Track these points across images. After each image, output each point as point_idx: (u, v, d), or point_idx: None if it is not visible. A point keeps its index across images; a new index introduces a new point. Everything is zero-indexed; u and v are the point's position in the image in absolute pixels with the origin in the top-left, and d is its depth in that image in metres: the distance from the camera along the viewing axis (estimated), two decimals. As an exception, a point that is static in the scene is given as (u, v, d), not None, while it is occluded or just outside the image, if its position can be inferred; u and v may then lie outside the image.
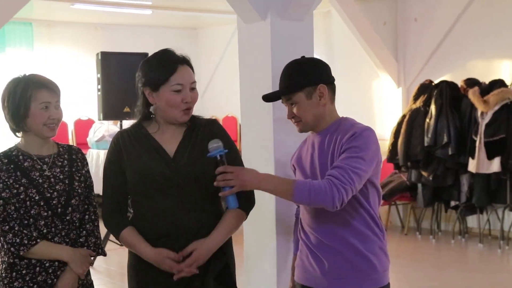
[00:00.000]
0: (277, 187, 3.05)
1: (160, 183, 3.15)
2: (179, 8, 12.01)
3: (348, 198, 2.99)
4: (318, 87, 3.18)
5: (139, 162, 3.19)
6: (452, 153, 8.89)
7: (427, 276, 7.85)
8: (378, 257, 3.16)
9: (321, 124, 3.22)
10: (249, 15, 4.00)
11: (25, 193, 3.23)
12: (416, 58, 10.44)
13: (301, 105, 3.19)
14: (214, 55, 13.93)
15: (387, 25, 10.73)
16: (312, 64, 3.27)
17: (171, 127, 3.25)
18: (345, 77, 10.75)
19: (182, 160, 3.18)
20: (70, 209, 3.31)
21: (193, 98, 3.20)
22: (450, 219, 9.87)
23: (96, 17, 12.69)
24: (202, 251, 3.11)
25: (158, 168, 3.16)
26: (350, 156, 3.02)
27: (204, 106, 13.99)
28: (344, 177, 2.97)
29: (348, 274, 3.14)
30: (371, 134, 3.10)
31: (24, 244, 3.18)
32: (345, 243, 3.14)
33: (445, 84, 9.26)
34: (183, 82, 3.16)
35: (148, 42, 12.69)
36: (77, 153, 3.48)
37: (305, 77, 3.19)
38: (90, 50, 12.16)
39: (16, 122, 3.30)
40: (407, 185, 9.72)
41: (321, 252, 3.19)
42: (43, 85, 3.30)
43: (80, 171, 3.41)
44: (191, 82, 3.20)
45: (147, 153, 3.21)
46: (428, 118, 9.20)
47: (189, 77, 3.20)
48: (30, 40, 12.45)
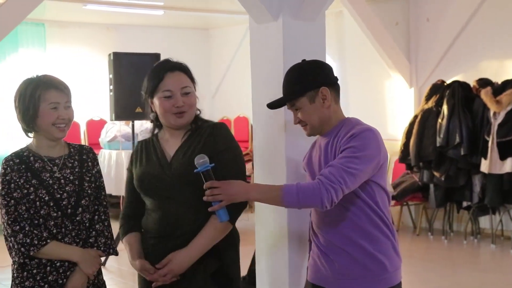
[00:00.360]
0: (266, 195, 3.10)
1: (155, 186, 3.31)
2: (191, 8, 12.02)
3: (338, 197, 2.99)
4: (320, 90, 3.18)
5: (139, 167, 3.40)
6: (464, 154, 8.87)
7: (439, 276, 7.83)
8: (388, 257, 3.16)
9: (327, 126, 3.23)
10: (261, 15, 4.00)
11: (35, 193, 3.25)
12: (428, 58, 10.42)
13: (305, 109, 3.20)
14: (226, 55, 13.94)
15: (399, 25, 10.71)
16: (312, 67, 3.26)
17: (174, 132, 3.41)
18: (357, 78, 10.75)
19: (176, 164, 3.31)
20: (80, 209, 3.33)
21: (186, 102, 3.34)
22: (462, 219, 9.84)
23: (108, 18, 12.71)
24: (177, 262, 3.24)
25: (154, 171, 3.33)
26: (345, 156, 3.03)
27: (216, 106, 14.02)
28: (334, 176, 2.98)
29: (358, 274, 3.15)
30: (371, 134, 3.08)
31: (34, 245, 3.20)
32: (353, 244, 3.15)
33: (458, 84, 9.23)
34: (171, 88, 3.32)
35: (160, 43, 12.73)
36: (88, 153, 3.50)
37: (306, 81, 3.19)
38: (102, 51, 12.18)
39: (26, 123, 3.33)
40: (419, 185, 9.70)
41: (331, 253, 3.21)
42: (52, 85, 3.32)
43: (90, 171, 3.43)
44: (182, 87, 3.34)
45: (149, 159, 3.39)
46: (440, 118, 9.18)
47: (179, 83, 3.34)
48: (43, 40, 12.49)
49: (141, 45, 11.71)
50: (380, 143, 3.11)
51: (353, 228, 3.14)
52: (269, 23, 3.99)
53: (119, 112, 8.74)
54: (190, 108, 3.37)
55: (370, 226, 3.14)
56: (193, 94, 3.41)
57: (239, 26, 13.17)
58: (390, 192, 9.23)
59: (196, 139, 3.34)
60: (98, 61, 12.51)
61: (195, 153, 3.22)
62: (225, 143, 3.34)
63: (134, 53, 9.23)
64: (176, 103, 3.31)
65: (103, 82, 10.33)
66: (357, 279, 3.15)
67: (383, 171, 3.16)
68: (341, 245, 3.17)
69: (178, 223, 3.28)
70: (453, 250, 9.21)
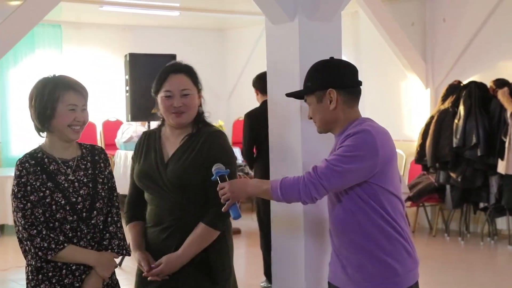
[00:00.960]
0: (259, 190, 3.27)
1: (149, 186, 3.60)
2: (206, 9, 12.03)
3: (319, 193, 3.08)
4: (327, 92, 3.21)
5: (138, 164, 3.67)
6: (481, 154, 8.83)
7: (455, 278, 7.79)
8: (399, 260, 3.16)
9: (336, 126, 3.26)
10: (277, 16, 4.00)
11: (51, 197, 3.23)
12: (445, 58, 10.38)
13: (313, 107, 3.28)
14: (242, 56, 13.94)
15: (415, 26, 10.67)
16: (327, 67, 3.29)
17: (175, 130, 3.64)
18: (373, 78, 10.71)
19: (171, 166, 3.55)
20: (95, 212, 3.33)
21: (185, 103, 3.55)
22: (479, 220, 9.79)
23: (124, 19, 12.75)
24: (168, 265, 3.49)
25: (150, 171, 3.58)
26: (336, 154, 3.10)
27: (231, 107, 14.04)
28: (315, 172, 3.07)
29: (368, 277, 3.16)
30: (367, 135, 3.08)
31: (52, 249, 3.19)
32: (361, 248, 3.16)
33: (474, 84, 9.19)
34: (171, 89, 3.56)
35: (175, 44, 12.75)
36: (100, 153, 3.50)
37: (316, 81, 3.25)
38: (118, 52, 12.22)
39: (41, 122, 3.30)
40: (435, 186, 9.66)
41: (342, 257, 3.24)
42: (71, 87, 3.31)
43: (103, 172, 3.42)
44: (181, 89, 3.56)
45: (147, 155, 3.65)
46: (457, 119, 9.14)
47: (179, 84, 3.57)
48: (59, 42, 12.54)
49: (157, 46, 11.74)
50: (378, 145, 3.08)
51: (360, 233, 3.15)
52: (285, 24, 3.99)
53: (135, 113, 8.75)
54: (189, 109, 3.56)
55: (376, 231, 3.14)
56: (193, 97, 3.59)
57: (254, 27, 13.17)
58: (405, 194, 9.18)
59: (192, 145, 3.55)
60: (114, 62, 12.55)
61: (188, 160, 3.50)
62: (219, 153, 3.51)
63: (150, 54, 9.25)
64: (174, 103, 3.54)
65: (119, 83, 10.36)
66: (367, 283, 3.16)
67: (386, 174, 3.14)
68: (350, 249, 3.19)
69: (166, 217, 3.55)
70: (469, 251, 9.17)
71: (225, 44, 14.47)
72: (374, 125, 3.18)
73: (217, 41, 14.38)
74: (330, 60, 3.34)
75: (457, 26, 10.15)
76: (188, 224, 3.50)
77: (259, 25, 11.97)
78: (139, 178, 3.62)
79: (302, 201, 3.12)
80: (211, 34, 14.28)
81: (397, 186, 3.20)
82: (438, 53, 10.51)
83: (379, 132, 3.12)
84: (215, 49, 14.26)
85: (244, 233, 10.23)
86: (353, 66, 3.35)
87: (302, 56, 3.88)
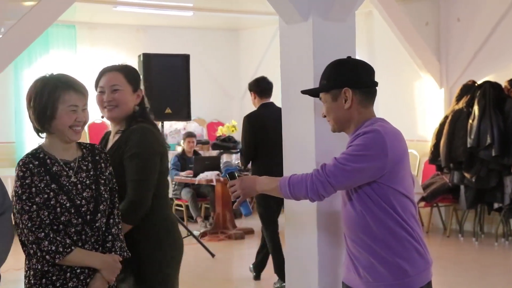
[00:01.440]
0: (269, 187, 3.30)
1: None
2: (220, 9, 12.04)
3: (326, 191, 3.11)
4: (343, 91, 3.21)
5: None
6: (496, 155, 8.79)
7: (469, 279, 7.77)
8: (409, 261, 3.15)
9: (349, 126, 3.26)
10: (291, 16, 3.99)
11: (55, 199, 3.13)
12: (459, 58, 10.34)
13: (327, 106, 3.29)
14: (255, 56, 13.94)
15: (429, 25, 10.64)
16: (344, 66, 3.30)
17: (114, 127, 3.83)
18: (387, 78, 10.67)
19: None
20: (99, 215, 3.24)
21: (114, 98, 3.74)
22: (493, 221, 9.75)
23: (138, 19, 12.78)
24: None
25: None
26: (345, 153, 3.11)
27: (245, 107, 14.01)
28: (323, 170, 3.09)
29: (379, 278, 3.16)
30: (377, 135, 3.08)
31: (60, 252, 3.09)
32: (371, 249, 3.16)
33: (489, 84, 9.16)
34: (103, 85, 3.79)
35: (189, 44, 12.77)
36: (100, 153, 3.40)
37: (332, 79, 3.26)
38: (132, 52, 12.22)
39: (41, 123, 3.21)
40: (449, 186, 9.63)
41: (355, 257, 3.24)
42: (71, 87, 3.21)
43: (104, 173, 3.33)
44: (111, 85, 3.77)
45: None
46: (471, 119, 9.11)
47: (109, 81, 3.78)
48: (73, 42, 12.59)
49: (170, 46, 11.76)
50: (387, 146, 3.08)
51: (369, 233, 3.15)
52: (299, 24, 3.98)
53: (148, 113, 8.77)
54: (119, 103, 3.73)
55: (385, 232, 3.13)
56: (124, 92, 3.77)
57: (268, 27, 13.17)
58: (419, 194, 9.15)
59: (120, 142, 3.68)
60: (128, 62, 12.36)
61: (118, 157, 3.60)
62: (132, 149, 3.60)
63: (163, 54, 9.29)
64: (105, 98, 3.74)
65: (133, 83, 10.35)
66: (378, 283, 3.16)
67: (397, 175, 3.13)
68: (360, 249, 3.20)
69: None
70: (484, 252, 9.13)
71: (238, 44, 14.47)
72: (386, 125, 3.18)
73: (230, 41, 14.38)
74: (348, 59, 3.35)
75: (472, 26, 10.12)
76: None
77: (273, 25, 11.97)
78: None
79: (309, 198, 3.15)
80: (225, 34, 14.29)
81: (408, 187, 3.19)
82: (452, 53, 10.48)
83: (389, 133, 3.12)
84: (228, 49, 14.27)
85: (257, 233, 10.23)
86: (369, 66, 3.34)
87: (316, 56, 3.87)
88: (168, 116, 8.98)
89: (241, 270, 8.32)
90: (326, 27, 3.94)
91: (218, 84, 13.89)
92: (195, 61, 9.46)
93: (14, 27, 7.74)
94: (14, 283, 6.43)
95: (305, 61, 3.93)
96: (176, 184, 10.84)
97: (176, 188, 10.87)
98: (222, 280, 7.86)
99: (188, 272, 8.27)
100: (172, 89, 8.83)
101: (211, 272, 8.17)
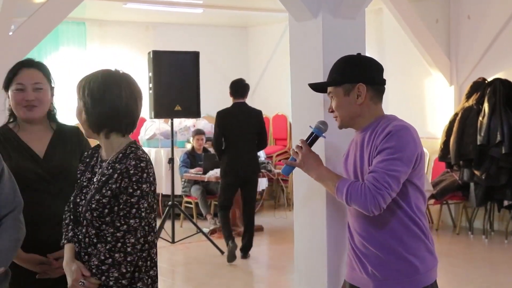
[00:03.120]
0: (324, 182, 3.29)
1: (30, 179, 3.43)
2: (230, 6, 12.04)
3: (386, 202, 3.02)
4: (357, 86, 3.20)
5: (9, 160, 3.40)
6: (506, 152, 8.77)
7: (479, 276, 7.75)
8: (420, 258, 3.15)
9: (359, 122, 3.25)
10: (301, 13, 3.99)
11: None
12: (469, 55, 10.31)
13: (338, 100, 3.25)
14: (265, 53, 13.94)
15: (439, 23, 10.61)
16: (358, 62, 3.30)
17: (34, 127, 3.56)
18: (397, 75, 10.68)
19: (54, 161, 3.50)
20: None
21: (37, 97, 3.49)
22: (503, 218, 9.72)
23: (147, 16, 12.80)
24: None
25: (28, 165, 3.46)
26: (385, 159, 3.04)
27: (254, 104, 13.90)
28: (379, 183, 3.00)
29: (389, 276, 3.15)
30: (408, 133, 3.08)
31: None
32: (384, 245, 3.15)
33: (499, 82, 9.14)
34: (23, 82, 3.48)
35: (199, 41, 12.76)
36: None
37: (345, 74, 3.24)
38: (141, 49, 12.25)
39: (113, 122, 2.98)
40: (459, 184, 9.60)
41: (363, 254, 3.22)
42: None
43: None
44: (34, 82, 3.49)
45: (17, 151, 3.48)
46: (481, 116, 9.09)
47: (31, 78, 3.50)
48: (83, 39, 12.62)
49: (180, 44, 11.76)
50: (417, 141, 3.10)
51: (385, 231, 3.15)
52: (308, 21, 3.98)
53: (158, 110, 8.81)
54: (41, 103, 3.50)
55: (401, 228, 3.13)
56: (46, 92, 3.53)
57: (278, 24, 13.16)
58: (429, 191, 9.15)
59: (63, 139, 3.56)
60: (137, 59, 12.59)
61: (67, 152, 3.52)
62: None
63: (173, 52, 9.30)
64: (26, 97, 3.46)
65: (143, 80, 10.36)
66: (388, 280, 3.16)
67: (419, 170, 3.14)
68: (373, 247, 3.18)
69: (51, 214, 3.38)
70: (493, 249, 9.11)
71: (248, 42, 14.47)
72: (405, 122, 3.18)
73: (240, 39, 14.39)
74: (358, 55, 3.35)
75: (482, 23, 10.09)
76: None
77: (283, 22, 11.98)
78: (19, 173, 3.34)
79: (369, 212, 3.05)
80: (234, 32, 14.29)
81: (423, 182, 3.22)
82: (463, 50, 10.45)
83: (413, 128, 3.14)
84: (238, 46, 14.28)
85: (266, 230, 10.25)
86: (380, 64, 3.35)
87: (325, 53, 3.87)
88: (178, 113, 9.00)
89: (250, 267, 8.34)
90: (336, 25, 3.93)
91: (228, 81, 13.84)
92: (205, 58, 9.48)
93: (24, 24, 7.76)
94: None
95: (314, 59, 3.93)
96: (185, 181, 10.84)
97: (185, 185, 10.87)
98: (231, 277, 7.87)
99: (198, 269, 8.29)
100: (181, 86, 8.85)
101: (221, 269, 8.18)
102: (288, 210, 10.83)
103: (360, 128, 3.26)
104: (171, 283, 7.62)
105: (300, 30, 4.07)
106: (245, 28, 14.47)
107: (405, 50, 10.79)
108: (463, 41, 10.45)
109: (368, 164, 3.13)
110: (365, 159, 3.16)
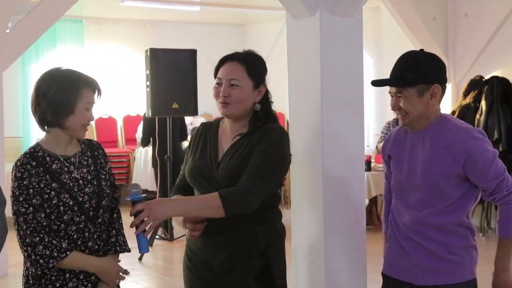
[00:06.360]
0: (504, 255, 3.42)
1: (200, 183, 3.31)
2: (227, 4, 12.04)
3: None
4: (432, 87, 3.15)
5: (192, 160, 3.37)
6: (503, 150, 8.77)
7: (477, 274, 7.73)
8: (466, 252, 3.22)
9: (422, 121, 3.19)
10: (298, 11, 3.99)
11: (57, 198, 3.06)
12: (467, 53, 10.31)
13: (411, 100, 3.14)
14: (262, 51, 13.61)
15: (437, 21, 10.61)
16: (431, 61, 3.21)
17: (233, 125, 3.39)
18: (394, 73, 10.66)
19: (223, 165, 3.28)
20: (101, 211, 3.18)
21: (231, 93, 3.34)
22: (500, 217, 9.71)
23: (145, 14, 12.80)
24: (151, 204, 3.10)
25: (203, 168, 3.31)
26: (493, 162, 3.11)
27: (252, 102, 14.04)
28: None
29: (433, 267, 3.17)
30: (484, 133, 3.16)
31: (54, 257, 3.03)
32: (432, 240, 3.17)
33: (496, 80, 9.14)
34: (221, 77, 3.39)
35: (196, 39, 12.77)
36: (98, 149, 3.32)
37: (421, 73, 3.14)
38: (139, 47, 12.25)
39: (57, 117, 3.09)
40: (456, 182, 9.60)
41: (408, 247, 3.22)
42: (89, 84, 3.14)
43: (104, 168, 3.27)
44: (229, 78, 3.37)
45: (202, 151, 3.38)
46: (479, 114, 9.09)
47: (228, 73, 3.37)
48: (80, 37, 12.61)
49: (177, 42, 11.76)
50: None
51: (442, 231, 3.18)
52: (306, 19, 3.98)
53: (155, 108, 8.80)
54: (232, 101, 3.33)
55: (455, 224, 3.18)
56: (242, 89, 3.36)
57: (275, 22, 13.15)
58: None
59: (245, 142, 3.29)
60: (135, 57, 12.59)
61: (240, 157, 3.23)
62: (265, 145, 3.24)
63: (170, 49, 9.29)
64: (221, 92, 3.35)
65: (140, 78, 10.40)
66: (432, 272, 3.18)
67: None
68: (419, 240, 3.19)
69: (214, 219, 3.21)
70: (491, 247, 9.02)
71: (246, 39, 14.46)
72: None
73: (238, 36, 14.37)
74: (429, 53, 3.25)
75: (479, 21, 10.09)
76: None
77: (280, 20, 11.96)
78: (192, 174, 3.35)
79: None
80: (232, 29, 14.29)
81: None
82: (460, 48, 10.45)
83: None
84: (236, 44, 14.12)
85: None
86: (443, 61, 3.30)
87: (323, 51, 3.87)
88: (175, 111, 8.99)
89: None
90: (334, 22, 3.94)
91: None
92: (202, 56, 9.45)
93: (22, 22, 7.74)
94: (21, 278, 6.44)
95: (312, 56, 3.93)
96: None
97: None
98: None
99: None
100: (179, 84, 8.83)
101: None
102: (285, 208, 10.82)
103: (422, 127, 3.20)
104: (168, 280, 7.61)
105: (297, 28, 4.07)
106: (242, 26, 14.46)
107: (403, 47, 10.62)
108: (460, 39, 10.45)
109: (455, 164, 3.10)
110: (445, 158, 3.11)
